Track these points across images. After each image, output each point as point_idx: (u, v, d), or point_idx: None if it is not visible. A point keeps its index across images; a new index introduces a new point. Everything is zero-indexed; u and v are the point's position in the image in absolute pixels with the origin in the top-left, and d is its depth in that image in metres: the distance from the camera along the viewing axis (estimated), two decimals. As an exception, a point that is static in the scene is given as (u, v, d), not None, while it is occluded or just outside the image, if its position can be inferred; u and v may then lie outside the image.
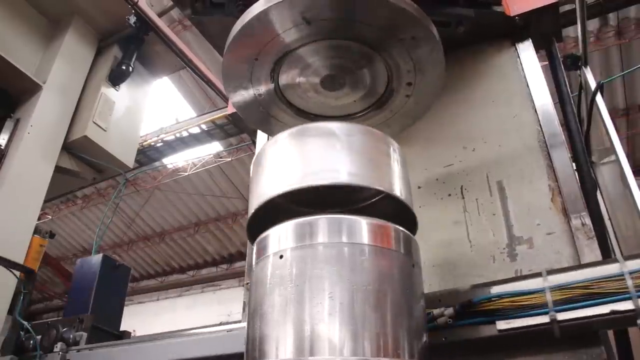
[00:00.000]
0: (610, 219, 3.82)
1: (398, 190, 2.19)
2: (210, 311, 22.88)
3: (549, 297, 2.25)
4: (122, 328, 4.57)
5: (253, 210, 2.21)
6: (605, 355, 2.40)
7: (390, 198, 2.19)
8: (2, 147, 5.72)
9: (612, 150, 4.29)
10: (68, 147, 6.37)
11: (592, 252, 2.62)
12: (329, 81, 2.80)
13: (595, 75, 4.52)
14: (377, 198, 2.47)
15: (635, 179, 3.90)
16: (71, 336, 3.82)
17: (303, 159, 2.20)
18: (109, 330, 4.34)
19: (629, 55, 13.15)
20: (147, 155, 18.06)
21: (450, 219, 3.08)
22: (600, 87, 4.17)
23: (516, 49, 3.54)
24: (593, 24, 12.90)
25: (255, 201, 2.21)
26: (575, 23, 5.15)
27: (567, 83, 3.57)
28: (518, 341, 2.48)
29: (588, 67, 4.08)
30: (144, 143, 17.23)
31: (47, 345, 3.83)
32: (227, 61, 2.70)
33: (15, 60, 5.77)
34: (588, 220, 2.76)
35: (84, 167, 6.76)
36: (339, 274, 1.87)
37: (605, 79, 4.91)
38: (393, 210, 2.26)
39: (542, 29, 3.56)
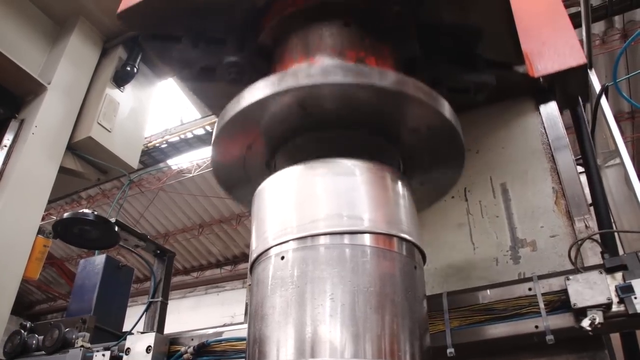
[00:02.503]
0: (614, 222, 3.79)
1: (408, 232, 2.11)
2: (214, 312, 22.89)
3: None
4: (125, 329, 4.58)
5: (255, 256, 2.14)
6: (608, 358, 2.40)
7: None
8: (7, 147, 5.73)
9: (616, 153, 4.28)
10: (72, 148, 6.37)
11: (595, 254, 2.61)
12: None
13: (600, 78, 4.50)
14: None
15: (640, 183, 3.89)
16: (74, 336, 3.82)
17: (309, 202, 2.09)
18: (111, 331, 4.35)
19: (635, 58, 13.10)
20: (152, 156, 18.10)
21: (454, 221, 3.08)
22: (605, 90, 4.16)
23: (539, 112, 3.30)
24: (599, 27, 12.87)
25: (260, 246, 2.13)
26: (580, 26, 5.14)
27: (593, 147, 3.28)
28: (523, 344, 2.48)
29: (593, 70, 4.06)
30: (149, 144, 17.26)
31: (50, 345, 3.84)
32: (217, 149, 2.41)
33: (20, 61, 5.78)
34: (592, 223, 2.74)
35: (88, 167, 6.76)
36: (340, 276, 1.86)
37: (610, 82, 4.88)
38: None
39: (568, 91, 3.30)
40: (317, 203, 2.06)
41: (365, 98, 2.10)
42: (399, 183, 2.22)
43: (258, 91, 2.11)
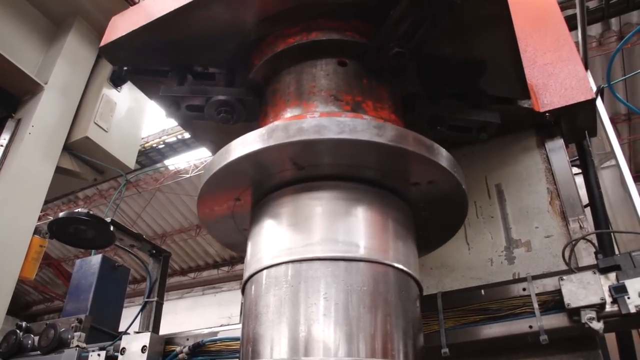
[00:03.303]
0: (610, 223, 3.80)
1: (406, 263, 2.07)
2: (211, 313, 22.86)
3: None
4: (121, 329, 4.57)
5: (248, 275, 2.12)
6: (602, 358, 2.40)
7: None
8: (4, 147, 5.72)
9: (612, 154, 4.29)
10: (69, 148, 6.36)
11: (589, 255, 2.62)
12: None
13: (597, 80, 4.51)
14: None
15: (636, 185, 3.90)
16: (69, 336, 3.82)
17: (308, 227, 2.03)
18: (107, 331, 4.34)
19: (631, 60, 13.12)
20: (149, 156, 18.09)
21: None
22: (600, 91, 4.17)
23: (545, 148, 3.20)
24: (595, 29, 12.88)
25: (254, 265, 2.10)
26: (577, 28, 5.15)
27: (598, 183, 3.14)
28: (518, 343, 2.49)
29: (589, 71, 4.08)
30: (146, 145, 17.24)
31: (45, 345, 3.83)
32: (203, 202, 2.32)
33: (17, 60, 5.77)
34: (586, 224, 2.75)
35: (84, 167, 6.76)
36: (334, 275, 1.86)
37: (606, 84, 4.90)
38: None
39: (575, 125, 3.14)
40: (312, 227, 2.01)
41: (362, 154, 2.00)
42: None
43: (247, 145, 2.00)
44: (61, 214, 3.07)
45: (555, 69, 3.12)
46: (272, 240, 2.08)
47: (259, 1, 2.43)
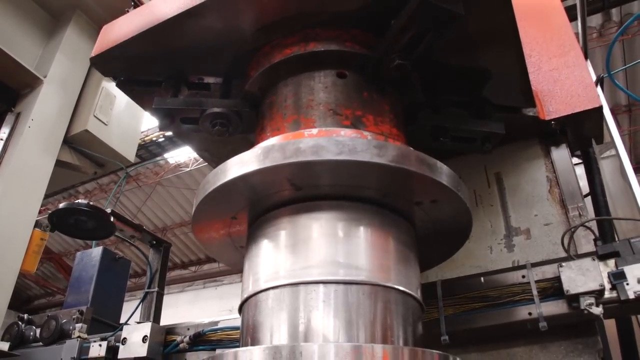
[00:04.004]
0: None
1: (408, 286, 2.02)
2: (212, 306, 22.90)
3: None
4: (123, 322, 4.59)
5: (245, 296, 2.06)
6: (601, 344, 2.42)
7: None
8: (3, 141, 5.73)
9: (612, 144, 4.29)
10: (69, 141, 6.37)
11: (589, 243, 2.62)
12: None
13: (597, 71, 4.50)
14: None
15: (636, 175, 3.89)
16: (71, 327, 3.84)
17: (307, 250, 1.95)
18: (108, 323, 4.36)
19: (632, 50, 13.08)
20: (149, 150, 18.08)
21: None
22: (600, 81, 4.17)
23: (550, 155, 3.12)
24: (596, 20, 12.84)
25: (251, 286, 2.04)
26: (576, 19, 5.14)
27: (599, 169, 3.13)
28: (517, 331, 2.51)
29: (588, 61, 4.08)
30: (146, 138, 17.22)
31: (47, 337, 3.85)
32: (199, 220, 2.25)
33: (16, 54, 5.77)
34: (585, 212, 2.76)
35: (85, 161, 6.76)
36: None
37: (606, 73, 4.89)
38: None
39: (581, 133, 3.07)
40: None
41: (363, 175, 1.93)
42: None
43: (242, 166, 1.94)
44: (61, 205, 3.07)
45: (561, 75, 3.04)
46: (270, 261, 2.01)
47: (254, 10, 2.34)
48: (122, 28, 2.58)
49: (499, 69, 2.61)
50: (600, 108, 2.86)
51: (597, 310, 2.22)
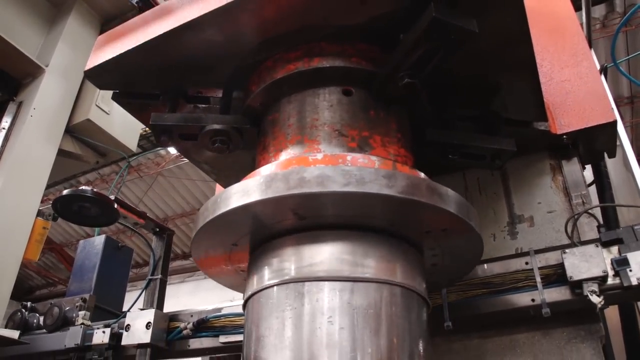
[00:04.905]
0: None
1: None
2: (213, 297, 22.84)
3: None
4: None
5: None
6: (603, 331, 2.43)
7: None
8: (5, 130, 5.73)
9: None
10: (71, 131, 6.37)
11: (592, 230, 2.63)
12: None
13: (600, 62, 4.48)
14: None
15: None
16: (74, 315, 3.85)
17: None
18: (112, 310, 4.37)
19: (635, 41, 13.05)
20: (150, 140, 18.05)
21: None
22: (604, 70, 4.16)
23: (561, 168, 2.97)
24: (599, 10, 12.79)
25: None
26: (581, 9, 5.11)
27: (609, 179, 3.05)
28: (520, 317, 2.52)
29: (592, 50, 4.06)
30: (147, 128, 17.18)
31: (51, 324, 3.87)
32: (198, 246, 2.18)
33: (17, 42, 5.76)
34: (588, 199, 2.76)
35: (87, 150, 6.77)
36: (339, 298, 1.74)
37: (611, 63, 4.88)
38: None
39: (593, 147, 2.96)
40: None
41: (370, 205, 1.84)
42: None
43: (244, 196, 1.84)
44: (65, 191, 3.07)
45: (574, 86, 2.94)
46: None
47: (256, 23, 2.22)
48: (117, 41, 2.46)
49: (510, 83, 2.50)
50: (615, 123, 2.75)
51: (596, 300, 2.23)
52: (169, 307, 3.64)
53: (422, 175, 2.04)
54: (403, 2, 2.02)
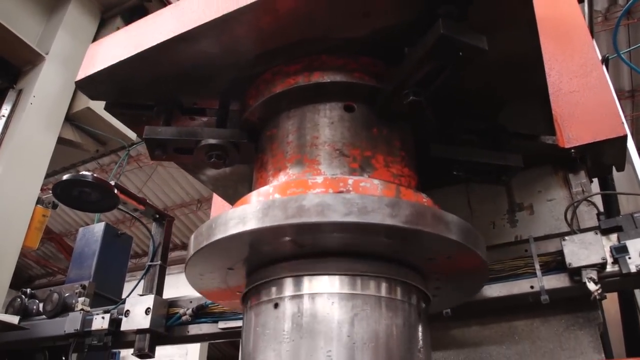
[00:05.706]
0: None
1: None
2: (212, 288, 23.05)
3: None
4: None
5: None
6: (601, 318, 2.43)
7: None
8: (5, 118, 5.73)
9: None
10: (71, 119, 6.39)
11: (592, 218, 2.63)
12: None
13: (602, 53, 4.46)
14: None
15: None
16: (74, 301, 3.86)
17: None
18: (111, 298, 4.39)
19: (637, 34, 13.02)
20: (151, 131, 18.04)
21: (452, 187, 3.06)
22: (605, 61, 4.15)
23: (568, 181, 2.84)
24: (602, 3, 12.76)
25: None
26: (583, 1, 5.09)
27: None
28: (518, 304, 2.53)
29: (594, 41, 4.05)
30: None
31: (50, 310, 3.88)
32: (192, 269, 2.08)
33: (17, 30, 5.75)
34: (588, 188, 2.76)
35: (87, 138, 6.78)
36: (338, 329, 1.68)
37: (614, 53, 4.87)
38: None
39: (602, 161, 2.88)
40: None
41: (372, 235, 1.75)
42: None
43: (239, 224, 1.76)
44: (65, 176, 3.07)
45: (582, 97, 2.85)
46: None
47: (252, 35, 2.11)
48: (109, 50, 2.37)
49: (518, 97, 2.43)
50: (625, 137, 2.66)
51: (593, 287, 2.23)
52: (168, 296, 3.65)
53: (426, 199, 1.97)
54: (408, 15, 1.94)
